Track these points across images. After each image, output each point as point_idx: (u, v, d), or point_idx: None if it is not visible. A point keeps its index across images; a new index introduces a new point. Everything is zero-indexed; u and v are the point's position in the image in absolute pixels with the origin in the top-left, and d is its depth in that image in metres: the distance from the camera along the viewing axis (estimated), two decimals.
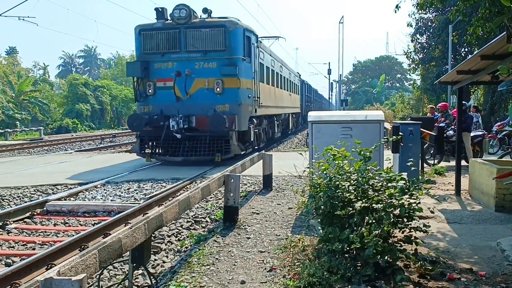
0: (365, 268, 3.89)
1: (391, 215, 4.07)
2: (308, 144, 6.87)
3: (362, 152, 4.66)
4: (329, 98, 65.48)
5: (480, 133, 12.32)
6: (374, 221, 4.07)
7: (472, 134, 11.56)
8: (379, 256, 3.87)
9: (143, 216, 5.27)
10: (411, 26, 26.08)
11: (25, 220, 7.09)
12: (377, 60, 76.98)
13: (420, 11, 20.74)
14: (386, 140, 5.50)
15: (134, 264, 3.89)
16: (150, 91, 12.79)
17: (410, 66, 28.74)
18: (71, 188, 9.18)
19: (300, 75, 31.17)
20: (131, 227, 3.54)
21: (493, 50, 5.55)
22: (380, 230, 4.02)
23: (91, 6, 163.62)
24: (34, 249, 5.60)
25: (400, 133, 7.79)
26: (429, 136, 9.97)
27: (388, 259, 3.94)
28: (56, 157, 16.10)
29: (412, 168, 5.46)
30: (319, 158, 5.07)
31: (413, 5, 19.12)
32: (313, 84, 46.24)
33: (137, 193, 8.67)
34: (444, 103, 14.50)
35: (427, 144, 10.78)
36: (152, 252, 4.88)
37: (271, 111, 17.33)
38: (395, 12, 10.96)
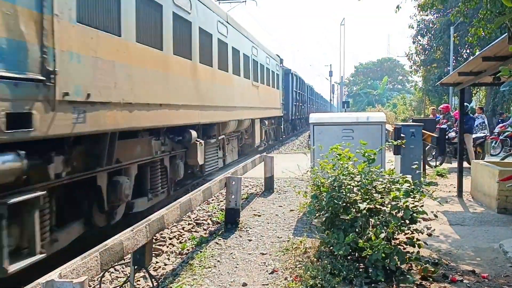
0: (374, 271, 3.86)
1: (397, 217, 4.06)
2: (310, 145, 6.87)
3: (367, 154, 4.66)
4: (330, 99, 65.45)
5: (482, 134, 12.31)
6: (378, 223, 4.06)
7: (473, 136, 11.54)
8: (388, 260, 3.84)
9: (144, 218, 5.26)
10: (413, 28, 26.14)
11: None
12: (379, 62, 77.00)
13: (421, 13, 20.72)
14: (389, 143, 5.49)
15: (136, 267, 3.89)
16: None
17: (411, 68, 28.77)
18: None
19: (282, 61, 20.83)
20: (133, 230, 3.54)
21: (495, 51, 5.54)
22: (386, 233, 4.00)
23: None
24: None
25: (402, 135, 7.79)
26: (430, 137, 9.96)
27: (397, 262, 3.92)
28: None
29: (417, 172, 5.46)
30: (322, 159, 5.07)
31: (414, 6, 19.13)
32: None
33: None
34: (446, 104, 14.49)
35: (429, 146, 10.77)
36: (153, 254, 4.87)
37: (162, 117, 6.82)
38: (396, 12, 10.99)
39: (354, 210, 4.22)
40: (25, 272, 4.57)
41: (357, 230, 4.13)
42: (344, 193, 4.33)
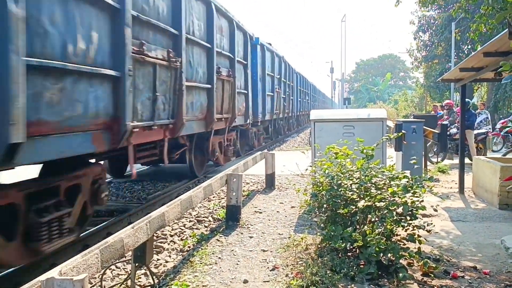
0: (367, 266, 3.88)
1: (394, 213, 4.06)
2: (311, 143, 6.86)
3: (365, 150, 4.65)
4: (332, 96, 65.42)
5: (484, 130, 12.29)
6: (376, 219, 4.06)
7: (476, 131, 11.52)
8: (381, 254, 3.85)
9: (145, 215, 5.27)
10: (414, 24, 26.07)
11: None
12: (380, 58, 76.91)
13: (422, 9, 20.64)
14: (388, 137, 5.48)
15: (137, 264, 3.89)
16: None
17: (413, 64, 28.73)
18: None
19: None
20: (133, 227, 3.54)
21: (496, 47, 5.52)
22: (383, 228, 4.00)
23: None
24: None
25: (403, 131, 7.77)
26: (432, 134, 9.93)
27: (391, 257, 3.93)
28: None
29: (415, 166, 5.44)
30: (322, 157, 5.06)
31: (415, 2, 19.05)
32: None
33: (140, 193, 8.67)
34: (449, 100, 14.47)
35: (430, 142, 10.74)
36: (154, 251, 4.88)
37: None
38: (396, 6, 10.90)
39: (353, 207, 4.22)
40: (27, 271, 4.58)
41: (357, 226, 4.13)
42: (343, 191, 4.32)
